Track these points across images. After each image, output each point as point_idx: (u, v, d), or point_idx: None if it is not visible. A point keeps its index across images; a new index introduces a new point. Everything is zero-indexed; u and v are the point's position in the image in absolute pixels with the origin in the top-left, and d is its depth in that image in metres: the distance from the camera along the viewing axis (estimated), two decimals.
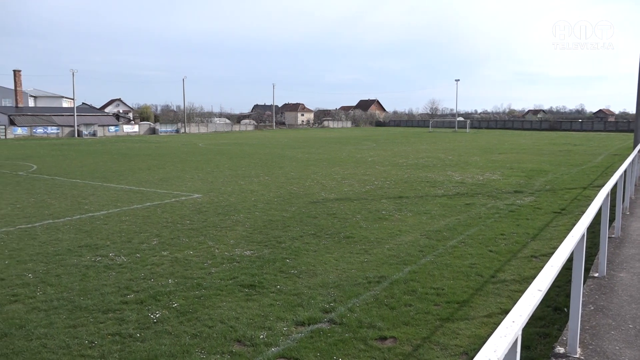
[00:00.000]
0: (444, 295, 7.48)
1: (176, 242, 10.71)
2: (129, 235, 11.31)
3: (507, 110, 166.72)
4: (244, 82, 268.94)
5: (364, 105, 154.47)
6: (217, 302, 7.24)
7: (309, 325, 6.47)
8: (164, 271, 8.70)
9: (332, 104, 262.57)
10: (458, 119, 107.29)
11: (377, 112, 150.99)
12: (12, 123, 69.66)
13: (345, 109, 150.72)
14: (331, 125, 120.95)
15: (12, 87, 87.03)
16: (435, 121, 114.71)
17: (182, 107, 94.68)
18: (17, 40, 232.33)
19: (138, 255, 9.70)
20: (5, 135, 63.88)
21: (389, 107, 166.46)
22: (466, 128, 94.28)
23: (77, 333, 6.24)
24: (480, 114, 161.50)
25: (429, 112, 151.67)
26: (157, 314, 6.83)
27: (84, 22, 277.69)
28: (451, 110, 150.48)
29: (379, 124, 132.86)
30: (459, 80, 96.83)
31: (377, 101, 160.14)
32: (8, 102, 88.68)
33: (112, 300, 7.35)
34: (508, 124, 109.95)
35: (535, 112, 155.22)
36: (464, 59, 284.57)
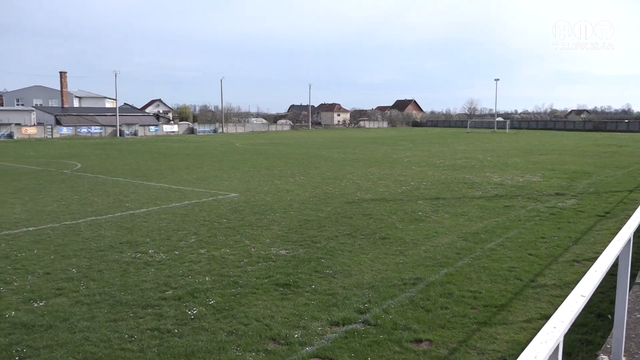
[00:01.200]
0: (481, 299, 7.34)
1: (213, 240, 10.87)
2: (168, 232, 11.55)
3: (548, 110, 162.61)
4: (280, 82, 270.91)
5: (401, 105, 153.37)
6: (252, 301, 7.32)
7: (343, 325, 6.46)
8: (202, 269, 8.84)
9: (369, 104, 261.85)
10: (497, 119, 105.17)
11: (414, 112, 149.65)
12: (58, 123, 72.29)
13: (382, 109, 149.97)
14: (367, 126, 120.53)
15: (59, 88, 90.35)
16: (473, 121, 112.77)
17: (220, 108, 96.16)
18: (63, 42, 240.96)
19: (176, 252, 9.90)
20: (52, 135, 66.27)
21: (426, 107, 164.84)
22: (505, 128, 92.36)
23: (117, 327, 6.42)
24: (520, 114, 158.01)
25: (467, 112, 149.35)
26: (194, 310, 6.96)
27: (127, 25, 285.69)
28: (490, 110, 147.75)
29: (415, 124, 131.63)
30: (498, 79, 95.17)
31: (414, 101, 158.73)
32: (54, 103, 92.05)
33: (151, 296, 7.52)
34: (550, 124, 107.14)
35: (578, 112, 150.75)
36: (503, 57, 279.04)
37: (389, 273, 8.59)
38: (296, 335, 6.15)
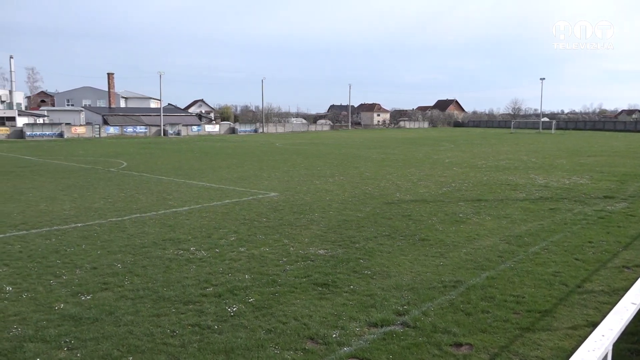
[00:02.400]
0: (524, 304, 7.15)
1: (253, 238, 11.00)
2: (209, 230, 11.76)
3: (597, 110, 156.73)
4: (320, 82, 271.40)
5: (442, 105, 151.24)
6: (291, 299, 7.36)
7: (381, 326, 6.42)
8: (241, 267, 8.96)
9: (409, 104, 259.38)
10: (543, 119, 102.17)
11: (456, 112, 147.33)
12: (105, 122, 74.77)
13: (423, 109, 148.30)
14: (407, 126, 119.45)
15: (106, 89, 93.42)
16: (517, 122, 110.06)
17: (260, 108, 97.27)
18: (111, 45, 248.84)
19: (217, 250, 10.06)
20: (100, 134, 68.57)
21: (468, 107, 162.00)
22: (551, 129, 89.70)
23: (160, 322, 6.57)
24: (567, 114, 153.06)
25: (510, 112, 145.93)
26: (234, 307, 7.05)
27: (172, 27, 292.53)
28: (535, 110, 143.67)
29: (457, 124, 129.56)
30: (544, 78, 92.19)
31: (456, 101, 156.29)
32: (102, 103, 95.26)
33: (193, 292, 7.67)
34: (598, 124, 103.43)
35: (629, 112, 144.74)
36: (549, 56, 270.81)
37: (428, 275, 8.48)
38: (334, 335, 6.15)
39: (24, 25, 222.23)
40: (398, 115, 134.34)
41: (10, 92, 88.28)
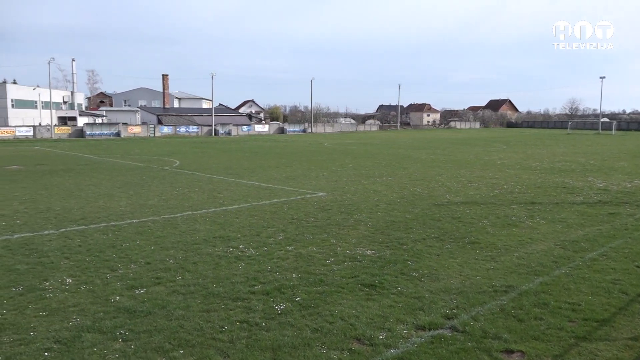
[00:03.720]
0: (580, 312, 6.86)
1: (301, 238, 11.07)
2: (258, 229, 11.92)
3: None
4: (369, 82, 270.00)
5: (494, 105, 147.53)
6: (338, 299, 7.36)
7: (429, 330, 6.32)
8: (289, 265, 9.04)
9: (460, 104, 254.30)
10: (602, 119, 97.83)
11: (509, 112, 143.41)
12: (159, 122, 77.23)
13: (474, 109, 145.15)
14: (458, 126, 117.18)
15: (161, 90, 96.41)
16: (574, 122, 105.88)
17: (309, 108, 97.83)
18: (166, 47, 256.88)
19: (265, 248, 10.19)
20: (154, 134, 70.86)
21: (522, 107, 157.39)
22: (611, 130, 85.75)
23: (209, 317, 6.72)
24: (629, 114, 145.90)
25: (567, 112, 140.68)
26: (281, 305, 7.12)
27: (223, 28, 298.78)
28: (594, 110, 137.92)
29: (510, 124, 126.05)
30: (604, 77, 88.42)
31: (509, 101, 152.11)
32: (157, 104, 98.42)
33: (241, 289, 7.80)
34: None
35: None
36: (610, 53, 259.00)
37: (478, 279, 8.28)
38: (381, 337, 6.10)
39: (86, 30, 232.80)
40: (448, 116, 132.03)
41: (72, 93, 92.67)
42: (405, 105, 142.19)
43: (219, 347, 5.87)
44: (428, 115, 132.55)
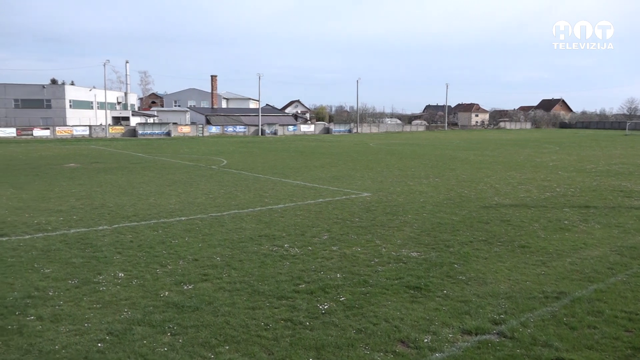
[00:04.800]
0: (637, 321, 6.55)
1: (345, 238, 11.06)
2: (302, 228, 11.99)
3: None
4: (416, 82, 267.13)
5: (547, 105, 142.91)
6: (382, 301, 7.30)
7: (476, 335, 6.18)
8: (333, 265, 9.04)
9: (510, 104, 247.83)
10: None
11: (562, 112, 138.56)
12: (208, 122, 78.91)
13: (525, 109, 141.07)
14: (508, 127, 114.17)
15: (210, 91, 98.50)
16: (633, 123, 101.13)
17: (355, 108, 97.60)
18: (214, 49, 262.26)
19: (310, 248, 10.23)
20: (202, 133, 72.47)
21: (576, 107, 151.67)
22: None
23: (255, 315, 6.81)
24: None
25: (626, 112, 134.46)
26: (325, 305, 7.13)
27: (270, 30, 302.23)
28: None
29: (563, 125, 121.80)
30: None
31: (562, 100, 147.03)
32: (205, 104, 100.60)
33: (286, 288, 7.86)
34: None
35: None
36: None
37: (528, 284, 8.03)
38: (426, 340, 6.01)
39: (139, 33, 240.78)
40: (498, 116, 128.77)
41: (126, 94, 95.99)
42: (453, 106, 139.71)
43: (263, 344, 5.94)
44: (476, 116, 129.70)
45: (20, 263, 9.12)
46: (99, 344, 5.91)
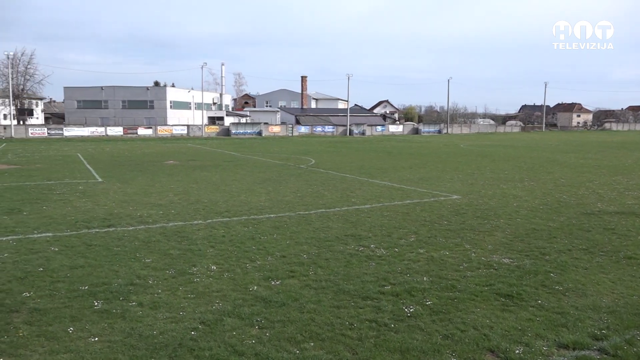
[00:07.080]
0: None
1: (433, 241, 10.82)
2: (389, 229, 11.88)
3: None
4: (512, 81, 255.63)
5: None
6: (470, 307, 7.06)
7: (573, 349, 5.79)
8: (420, 268, 8.87)
9: (617, 104, 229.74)
10: None
11: None
12: (297, 122, 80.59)
13: (634, 109, 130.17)
14: (614, 128, 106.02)
15: (299, 91, 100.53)
16: None
17: (445, 108, 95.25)
18: (305, 50, 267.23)
19: (396, 249, 10.12)
20: (292, 133, 74.12)
21: None
22: None
23: (339, 313, 6.84)
24: None
25: None
26: (411, 308, 7.02)
27: (360, 30, 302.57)
28: None
29: None
30: None
31: None
32: (295, 104, 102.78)
33: (371, 288, 7.82)
34: None
35: None
36: None
37: (635, 299, 7.40)
38: (517, 351, 5.72)
39: (235, 36, 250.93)
40: (602, 116, 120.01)
41: (221, 95, 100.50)
42: (551, 105, 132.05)
43: (347, 343, 5.95)
44: (578, 116, 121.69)
45: (124, 252, 9.83)
46: (192, 332, 6.22)
